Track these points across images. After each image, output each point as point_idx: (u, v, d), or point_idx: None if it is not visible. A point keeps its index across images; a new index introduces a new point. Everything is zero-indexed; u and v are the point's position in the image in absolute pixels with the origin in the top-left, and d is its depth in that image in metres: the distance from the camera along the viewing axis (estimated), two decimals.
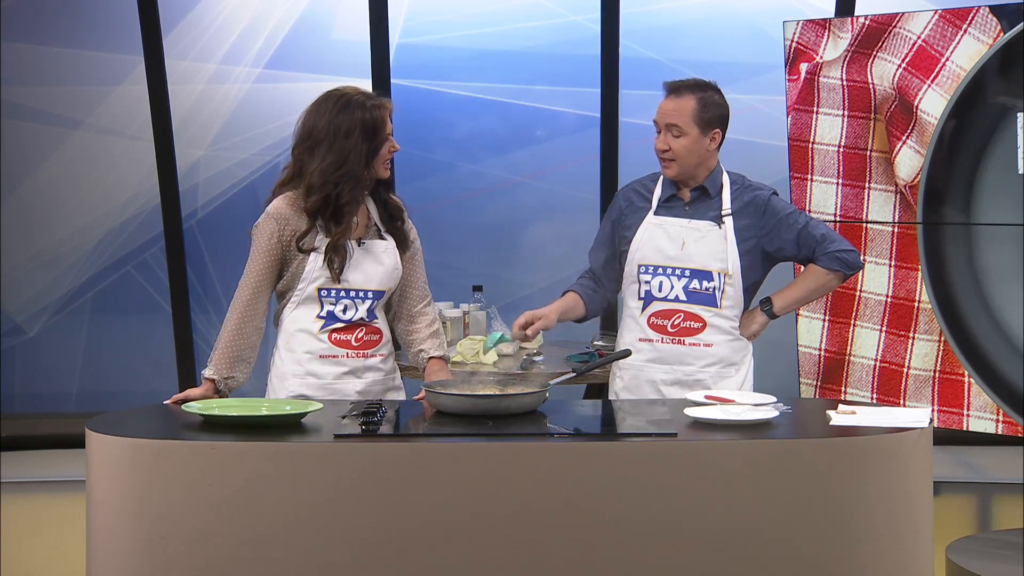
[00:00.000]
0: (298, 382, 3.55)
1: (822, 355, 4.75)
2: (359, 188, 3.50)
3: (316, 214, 3.48)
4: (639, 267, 3.75)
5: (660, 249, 3.73)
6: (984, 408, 4.44)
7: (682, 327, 3.73)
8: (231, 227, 5.88)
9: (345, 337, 3.55)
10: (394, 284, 3.61)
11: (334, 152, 3.45)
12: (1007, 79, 4.30)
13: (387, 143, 3.51)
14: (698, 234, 3.72)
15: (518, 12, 5.82)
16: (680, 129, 3.67)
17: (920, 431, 3.00)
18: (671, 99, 3.71)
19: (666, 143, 3.69)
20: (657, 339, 3.74)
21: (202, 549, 2.88)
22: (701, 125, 3.68)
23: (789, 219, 3.74)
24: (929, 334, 4.52)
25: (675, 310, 3.73)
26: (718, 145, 3.74)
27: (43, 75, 5.87)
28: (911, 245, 4.53)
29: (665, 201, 3.78)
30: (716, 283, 3.71)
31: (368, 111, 3.47)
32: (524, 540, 2.88)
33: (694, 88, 3.71)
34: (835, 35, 4.58)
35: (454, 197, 5.90)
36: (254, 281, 3.52)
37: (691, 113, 3.67)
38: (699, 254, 3.71)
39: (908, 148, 4.49)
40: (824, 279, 3.77)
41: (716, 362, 3.73)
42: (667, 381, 3.73)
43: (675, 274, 3.72)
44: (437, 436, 3.04)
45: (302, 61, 5.82)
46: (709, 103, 3.69)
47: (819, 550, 2.89)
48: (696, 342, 3.72)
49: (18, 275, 5.97)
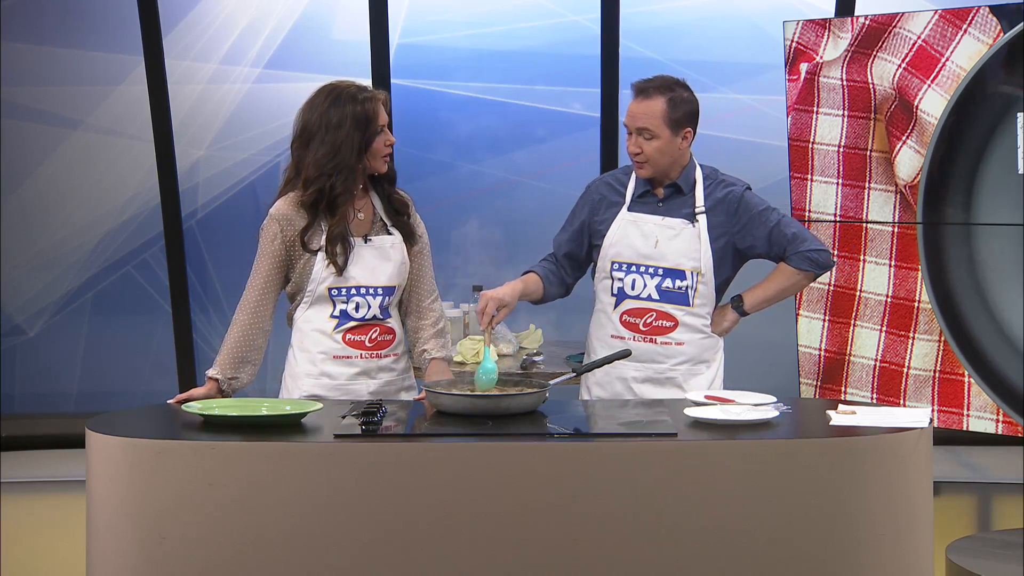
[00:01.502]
0: (312, 382, 3.55)
1: (822, 355, 4.75)
2: (352, 180, 3.50)
3: (315, 208, 3.49)
4: (612, 263, 3.74)
5: (633, 246, 3.72)
6: (984, 408, 4.44)
7: (654, 326, 3.72)
8: (231, 227, 5.88)
9: (359, 337, 3.56)
10: (404, 279, 3.61)
11: (326, 144, 3.46)
12: (1007, 79, 4.30)
13: (381, 135, 3.52)
14: (671, 232, 3.71)
15: (518, 12, 5.82)
16: (651, 132, 3.64)
17: (920, 431, 3.00)
18: (639, 101, 3.66)
19: (638, 146, 3.66)
20: (629, 337, 3.73)
21: (202, 549, 2.88)
22: (672, 126, 3.64)
23: (761, 216, 3.72)
24: (929, 334, 4.52)
25: (648, 309, 3.72)
26: (690, 142, 3.71)
27: (43, 75, 5.87)
28: (911, 245, 4.53)
29: (638, 197, 3.76)
30: (689, 282, 3.70)
31: (359, 103, 3.48)
32: (524, 540, 2.88)
33: (662, 88, 3.65)
34: (835, 35, 4.58)
35: (454, 197, 5.90)
36: (260, 283, 3.53)
37: (660, 115, 3.63)
38: (672, 252, 3.70)
39: (908, 148, 4.49)
40: (794, 278, 3.76)
41: (687, 360, 3.73)
42: (638, 379, 3.73)
43: (648, 272, 3.71)
44: (437, 436, 3.04)
45: (302, 61, 5.81)
46: (678, 102, 3.65)
47: (819, 550, 2.89)
48: (668, 340, 3.72)
49: (18, 275, 5.97)
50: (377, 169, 3.55)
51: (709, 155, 3.88)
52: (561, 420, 3.20)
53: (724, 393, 3.41)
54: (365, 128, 3.48)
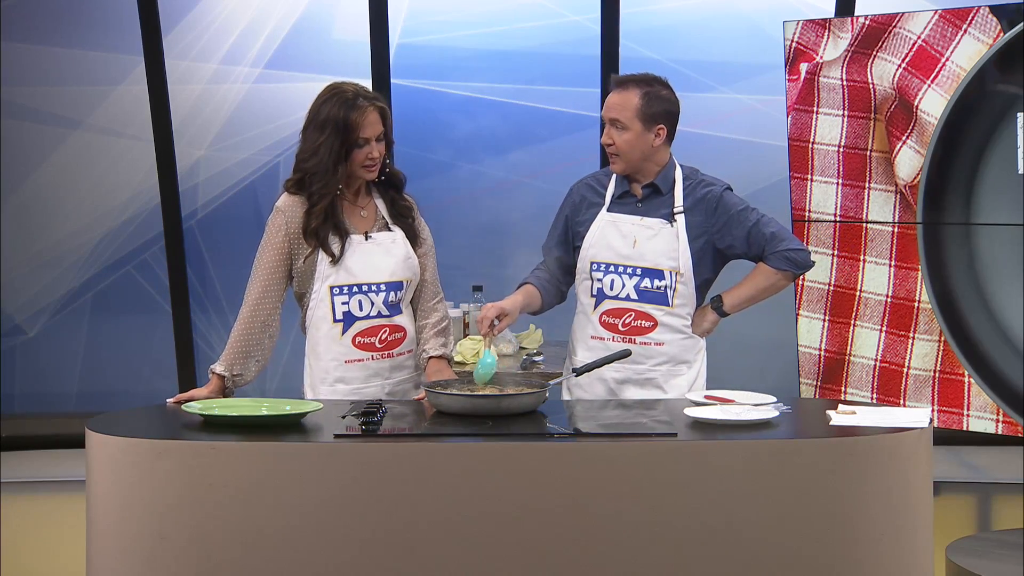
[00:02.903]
0: (327, 389, 3.55)
1: (822, 355, 4.74)
2: (329, 182, 3.48)
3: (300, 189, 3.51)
4: (591, 264, 3.74)
5: (612, 246, 3.72)
6: (984, 408, 4.44)
7: (633, 326, 3.72)
8: (231, 227, 5.88)
9: (369, 340, 3.56)
10: (411, 274, 3.61)
11: (309, 142, 3.50)
12: (1007, 79, 4.30)
13: (364, 148, 3.49)
14: (650, 232, 3.71)
15: (518, 12, 5.82)
16: (622, 124, 3.65)
17: (920, 431, 3.01)
18: (616, 93, 3.68)
19: (610, 137, 3.68)
20: (608, 337, 3.73)
21: (202, 549, 2.88)
22: (644, 120, 3.65)
23: (740, 216, 3.70)
24: (929, 334, 4.52)
25: (626, 309, 3.72)
26: (665, 141, 3.70)
27: (43, 75, 5.87)
28: (911, 245, 4.53)
29: (618, 198, 3.76)
30: (667, 281, 3.70)
31: (348, 110, 3.47)
32: (524, 540, 2.88)
33: (640, 83, 3.67)
34: (835, 35, 4.58)
35: (454, 197, 5.90)
36: (264, 276, 3.53)
37: (634, 108, 3.64)
38: (651, 252, 3.70)
39: (908, 148, 4.49)
40: (773, 278, 3.74)
41: (667, 360, 3.73)
42: (618, 380, 3.73)
43: (627, 272, 3.71)
44: (437, 436, 3.04)
45: (302, 61, 5.81)
46: (654, 98, 3.66)
47: (819, 550, 2.89)
48: (647, 341, 3.72)
49: (18, 275, 5.97)
50: (363, 177, 3.55)
51: (709, 155, 3.89)
52: (561, 420, 3.20)
53: (724, 393, 3.41)
54: (345, 136, 3.46)
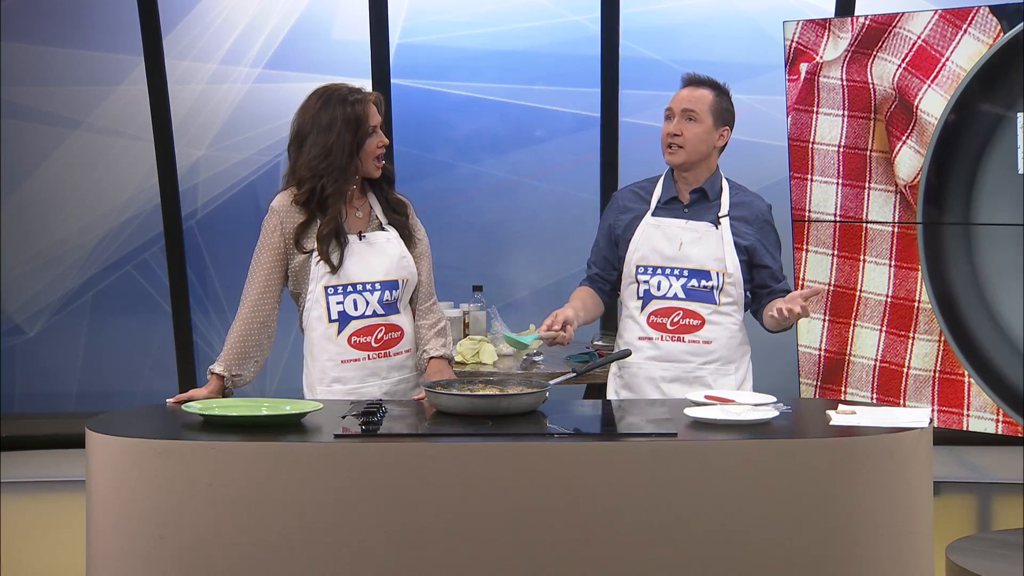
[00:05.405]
0: (324, 389, 3.56)
1: (822, 355, 4.74)
2: (344, 180, 3.51)
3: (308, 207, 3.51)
4: (637, 268, 3.76)
5: (658, 249, 3.75)
6: (984, 408, 4.44)
7: (681, 324, 3.73)
8: (231, 227, 5.88)
9: (364, 339, 3.56)
10: (406, 273, 3.61)
11: (318, 146, 3.49)
12: (1007, 79, 4.30)
13: (374, 137, 3.53)
14: (695, 235, 3.74)
15: (518, 12, 5.82)
16: (697, 115, 3.72)
17: (920, 431, 3.00)
18: (690, 89, 3.78)
19: (679, 128, 3.73)
20: (657, 337, 3.75)
21: (202, 549, 2.88)
22: (715, 118, 3.74)
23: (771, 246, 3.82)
24: (929, 334, 4.52)
25: (674, 308, 3.74)
26: (723, 146, 3.79)
27: (43, 75, 5.87)
28: (911, 245, 4.53)
29: (664, 203, 3.80)
30: (715, 282, 3.72)
31: (350, 105, 3.50)
32: (524, 540, 2.88)
33: (713, 85, 3.80)
34: (835, 35, 4.58)
35: (454, 197, 5.90)
36: (261, 276, 3.53)
37: (709, 103, 3.74)
38: (697, 254, 3.72)
39: (908, 148, 4.49)
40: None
41: (715, 359, 3.74)
42: (667, 378, 3.74)
43: (673, 274, 3.73)
44: (437, 436, 3.04)
45: (302, 61, 5.82)
46: (725, 100, 3.79)
47: (819, 550, 2.89)
48: (695, 339, 3.73)
49: (18, 275, 5.97)
50: (369, 173, 3.57)
51: None
52: (561, 420, 3.20)
53: (724, 393, 3.41)
54: (356, 129, 3.50)
